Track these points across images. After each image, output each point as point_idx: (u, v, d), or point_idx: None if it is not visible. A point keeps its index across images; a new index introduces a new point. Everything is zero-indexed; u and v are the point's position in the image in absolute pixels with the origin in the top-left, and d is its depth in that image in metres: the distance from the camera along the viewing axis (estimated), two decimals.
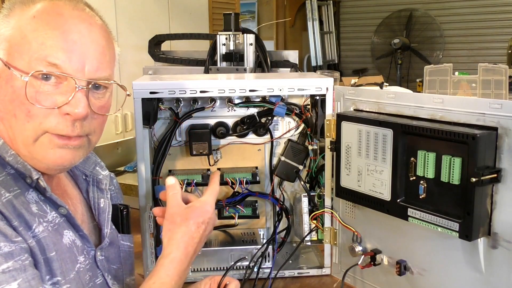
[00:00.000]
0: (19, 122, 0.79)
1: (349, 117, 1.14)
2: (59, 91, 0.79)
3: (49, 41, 0.78)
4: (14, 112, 0.79)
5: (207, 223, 0.95)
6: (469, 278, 0.97)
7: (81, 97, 0.80)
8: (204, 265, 1.32)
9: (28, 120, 0.79)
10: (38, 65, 0.77)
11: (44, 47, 0.77)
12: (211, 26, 4.03)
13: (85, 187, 0.98)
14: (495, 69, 2.51)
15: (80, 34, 0.80)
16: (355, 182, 1.14)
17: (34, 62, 0.77)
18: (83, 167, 0.99)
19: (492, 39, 5.72)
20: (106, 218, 0.96)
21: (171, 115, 1.35)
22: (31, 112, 0.78)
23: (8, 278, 0.71)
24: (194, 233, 0.93)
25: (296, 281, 1.32)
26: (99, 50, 0.83)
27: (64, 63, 0.78)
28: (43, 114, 0.79)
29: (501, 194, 0.90)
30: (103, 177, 1.00)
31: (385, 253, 1.15)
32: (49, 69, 0.78)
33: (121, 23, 3.06)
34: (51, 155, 0.81)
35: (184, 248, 0.91)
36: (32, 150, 0.80)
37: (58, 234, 0.83)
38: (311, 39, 5.80)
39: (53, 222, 0.83)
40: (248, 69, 1.95)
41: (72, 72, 0.79)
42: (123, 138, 2.34)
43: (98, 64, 0.82)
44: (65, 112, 0.80)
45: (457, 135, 0.91)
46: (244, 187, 1.37)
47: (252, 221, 1.46)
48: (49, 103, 0.79)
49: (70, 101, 0.79)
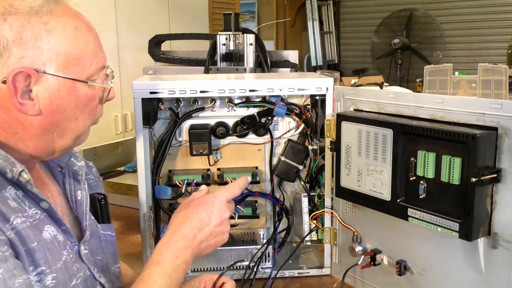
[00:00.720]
0: (80, 122, 0.86)
1: (349, 117, 1.14)
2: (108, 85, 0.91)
3: (96, 48, 0.86)
4: (76, 116, 0.85)
5: (210, 211, 0.96)
6: (469, 278, 0.97)
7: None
8: (204, 265, 1.32)
9: (89, 117, 0.88)
10: (97, 71, 0.86)
11: (96, 54, 0.86)
12: (211, 26, 4.03)
13: (61, 179, 0.97)
14: (495, 69, 2.51)
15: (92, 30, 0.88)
16: (355, 182, 1.14)
17: (95, 70, 0.86)
18: (57, 159, 0.97)
19: (492, 39, 5.72)
20: (84, 211, 0.96)
21: (171, 115, 1.35)
22: (93, 110, 0.88)
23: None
24: (191, 216, 0.95)
25: (296, 281, 1.32)
26: None
27: (105, 61, 0.89)
28: (98, 108, 0.90)
29: (501, 194, 0.90)
30: (78, 168, 0.99)
31: (385, 253, 1.15)
32: (103, 71, 0.89)
33: (121, 23, 3.06)
34: (86, 136, 0.92)
35: (176, 227, 0.93)
36: (78, 137, 0.89)
37: (37, 229, 0.81)
38: (311, 39, 5.80)
39: (33, 217, 0.81)
40: (248, 69, 1.95)
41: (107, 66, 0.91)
42: (123, 138, 2.34)
43: None
44: (108, 99, 0.93)
45: (457, 135, 0.91)
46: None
47: (252, 221, 1.45)
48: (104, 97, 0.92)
49: (111, 88, 0.91)
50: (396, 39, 5.72)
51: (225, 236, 0.98)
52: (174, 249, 0.90)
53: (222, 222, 0.97)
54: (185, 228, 0.93)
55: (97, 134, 2.67)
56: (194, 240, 0.93)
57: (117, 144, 2.15)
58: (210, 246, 0.96)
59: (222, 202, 0.98)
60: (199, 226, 0.94)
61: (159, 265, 0.88)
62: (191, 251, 0.92)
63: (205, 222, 0.95)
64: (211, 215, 0.96)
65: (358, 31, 6.57)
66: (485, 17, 5.79)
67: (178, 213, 0.97)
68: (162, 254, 0.89)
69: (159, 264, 0.88)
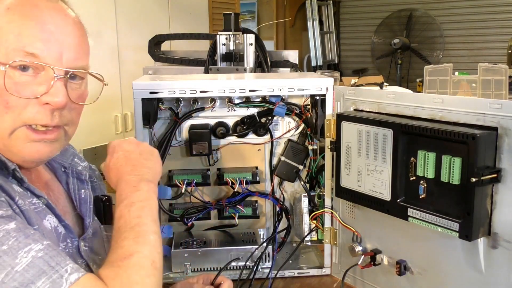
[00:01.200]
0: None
1: (349, 117, 1.14)
2: (38, 81, 0.80)
3: (26, 31, 0.78)
4: None
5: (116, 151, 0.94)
6: (469, 278, 0.97)
7: (60, 86, 0.81)
8: (204, 265, 1.32)
9: (6, 111, 0.79)
10: (16, 55, 0.78)
11: (21, 37, 0.78)
12: (211, 26, 4.03)
13: (65, 179, 0.98)
14: (495, 69, 2.51)
15: (56, 25, 0.81)
16: (355, 182, 1.14)
17: (11, 53, 0.77)
18: (61, 160, 0.98)
19: (492, 39, 5.72)
20: (88, 209, 0.96)
21: (171, 115, 1.35)
22: (10, 103, 0.78)
23: (5, 220, 0.72)
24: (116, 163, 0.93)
25: (296, 281, 1.32)
26: (75, 40, 0.84)
27: (42, 52, 0.79)
28: (22, 105, 0.79)
29: (501, 194, 0.90)
30: (82, 168, 1.00)
31: (385, 253, 1.15)
32: (27, 58, 0.78)
33: (121, 23, 3.06)
34: (27, 149, 0.82)
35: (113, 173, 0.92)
36: (8, 143, 0.81)
37: (39, 216, 0.82)
38: (311, 39, 5.80)
39: (36, 205, 0.83)
40: (248, 69, 1.95)
41: (50, 62, 0.80)
42: (123, 138, 2.34)
43: (75, 54, 0.83)
44: (44, 102, 0.80)
45: (457, 135, 0.91)
46: (244, 187, 1.37)
47: (252, 221, 1.46)
48: (28, 93, 0.79)
49: (50, 90, 0.80)
50: (396, 39, 5.72)
51: (149, 149, 0.97)
52: (126, 184, 0.88)
53: (134, 143, 0.95)
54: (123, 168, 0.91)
55: (97, 134, 2.67)
56: (135, 168, 0.91)
57: None
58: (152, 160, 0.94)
59: (116, 141, 0.96)
60: (126, 159, 0.92)
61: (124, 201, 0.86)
62: (140, 177, 0.90)
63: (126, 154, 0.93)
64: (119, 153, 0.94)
65: (358, 31, 6.56)
66: (485, 17, 5.78)
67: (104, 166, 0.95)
68: (122, 195, 0.87)
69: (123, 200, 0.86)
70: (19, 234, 0.71)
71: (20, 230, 0.71)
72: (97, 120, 2.75)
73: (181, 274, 1.30)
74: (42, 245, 0.71)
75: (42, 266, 0.69)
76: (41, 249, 0.71)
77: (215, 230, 1.44)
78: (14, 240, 0.70)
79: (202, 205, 1.39)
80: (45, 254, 0.70)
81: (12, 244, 0.69)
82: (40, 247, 0.71)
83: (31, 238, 0.71)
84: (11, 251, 0.69)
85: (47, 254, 0.70)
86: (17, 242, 0.70)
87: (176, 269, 1.31)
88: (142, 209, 0.84)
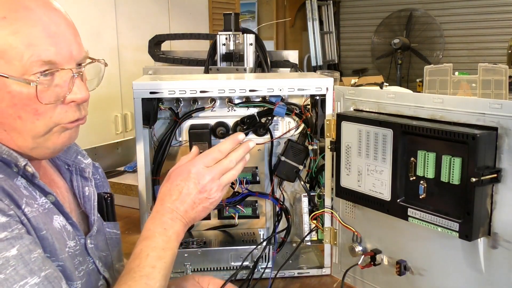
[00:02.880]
0: (26, 121, 0.80)
1: (349, 117, 1.14)
2: (58, 83, 0.81)
3: (36, 40, 0.78)
4: (18, 115, 0.79)
5: (188, 180, 0.95)
6: (469, 278, 0.97)
7: (80, 83, 0.83)
8: (204, 265, 1.32)
9: (37, 118, 0.80)
10: (34, 66, 0.77)
11: (34, 47, 0.77)
12: (211, 26, 4.03)
13: (69, 177, 0.99)
14: (495, 69, 2.51)
15: (56, 24, 0.81)
16: (355, 182, 1.14)
17: (29, 65, 0.77)
18: (64, 157, 0.99)
19: (492, 39, 5.73)
20: (92, 206, 0.97)
21: (171, 115, 1.35)
22: (39, 110, 0.80)
23: (7, 245, 0.72)
24: (171, 190, 0.95)
25: (296, 281, 1.32)
26: (73, 32, 0.84)
27: (57, 56, 0.79)
28: (51, 109, 0.81)
29: (501, 194, 0.90)
30: (85, 166, 1.00)
31: (385, 253, 1.15)
32: (45, 66, 0.79)
33: (121, 23, 3.06)
34: (61, 139, 0.85)
35: (160, 202, 0.94)
36: (43, 140, 0.83)
37: (48, 217, 0.83)
38: (311, 39, 5.80)
39: (43, 206, 0.84)
40: (248, 69, 1.95)
41: (65, 63, 0.81)
42: (123, 138, 2.34)
43: (78, 46, 0.84)
44: (70, 101, 0.82)
45: (457, 135, 0.91)
46: (244, 187, 1.37)
47: (252, 221, 1.46)
48: (53, 97, 0.81)
49: (73, 89, 0.82)
50: (396, 39, 5.72)
51: (212, 200, 0.97)
52: (161, 222, 0.91)
53: (203, 188, 0.95)
54: (167, 202, 0.94)
55: (97, 134, 2.67)
56: (178, 211, 0.93)
57: (117, 144, 2.15)
58: (199, 212, 0.96)
59: (199, 169, 0.96)
60: (180, 198, 0.94)
61: (149, 240, 0.89)
62: (179, 222, 0.93)
63: (184, 192, 0.94)
64: (189, 184, 0.95)
65: (358, 31, 6.57)
66: (485, 17, 5.79)
67: (162, 187, 0.97)
68: (150, 230, 0.90)
69: (149, 238, 0.89)
70: (19, 263, 0.72)
71: (21, 257, 0.73)
72: (97, 120, 2.76)
73: (181, 274, 1.30)
74: (39, 278, 0.73)
75: None
76: (36, 283, 0.72)
77: (215, 230, 1.44)
78: (12, 270, 0.71)
79: None
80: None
81: (9, 275, 0.71)
82: (36, 281, 0.73)
83: (29, 267, 0.73)
84: (7, 284, 0.70)
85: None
86: (15, 272, 0.71)
87: (176, 269, 1.31)
88: (159, 259, 0.86)
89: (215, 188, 0.96)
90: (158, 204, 0.94)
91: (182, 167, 0.97)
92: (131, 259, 0.86)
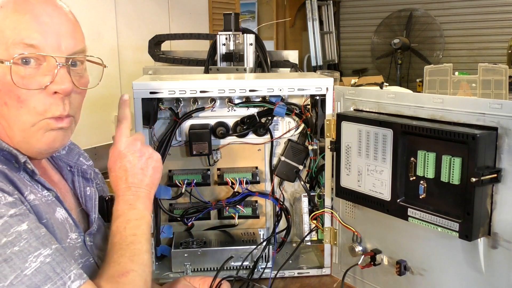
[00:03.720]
0: (11, 109, 0.82)
1: (349, 117, 1.14)
2: (41, 72, 0.82)
3: (22, 25, 0.80)
4: (4, 101, 0.81)
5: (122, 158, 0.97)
6: (469, 278, 0.97)
7: (64, 73, 0.83)
8: (204, 265, 1.32)
9: (20, 105, 0.81)
10: (16, 49, 0.80)
11: (18, 31, 0.80)
12: (211, 26, 4.03)
13: (71, 178, 1.01)
14: (495, 69, 2.51)
15: (49, 16, 0.83)
16: (355, 182, 1.14)
17: (11, 47, 0.79)
18: (67, 159, 1.01)
19: (492, 39, 5.73)
20: (93, 205, 0.99)
21: (171, 115, 1.35)
22: (21, 97, 0.81)
23: (17, 221, 0.75)
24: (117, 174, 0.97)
25: (296, 281, 1.32)
26: (70, 27, 0.86)
27: (41, 42, 0.81)
28: (33, 98, 0.82)
29: (501, 194, 0.90)
30: (87, 167, 1.03)
31: (385, 253, 1.15)
32: (27, 50, 0.80)
33: (121, 23, 3.06)
34: (45, 138, 0.85)
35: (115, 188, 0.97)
36: (27, 134, 0.84)
37: (50, 208, 0.85)
38: (311, 39, 5.79)
39: (46, 197, 0.86)
40: (248, 69, 1.95)
41: (50, 51, 0.82)
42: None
43: (72, 40, 0.85)
44: (53, 91, 0.83)
45: (457, 135, 0.91)
46: (244, 187, 1.37)
47: (252, 221, 1.45)
48: (35, 84, 0.82)
49: (55, 79, 0.82)
50: (396, 39, 5.72)
51: (156, 157, 1.00)
52: (124, 201, 0.94)
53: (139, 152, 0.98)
54: (121, 184, 0.96)
55: (97, 134, 2.67)
56: (134, 185, 0.95)
57: None
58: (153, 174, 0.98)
59: (125, 143, 0.99)
60: (129, 174, 0.96)
61: (120, 217, 0.92)
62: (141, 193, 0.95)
63: (128, 167, 0.97)
64: (128, 159, 0.97)
65: (358, 31, 6.57)
66: (485, 17, 5.79)
67: (110, 180, 0.99)
68: (118, 210, 0.93)
69: (120, 216, 0.92)
70: (30, 236, 0.74)
71: (31, 232, 0.75)
72: (97, 120, 2.75)
73: (181, 274, 1.30)
74: (51, 250, 0.75)
75: (48, 272, 0.73)
76: (49, 254, 0.75)
77: (215, 230, 1.44)
78: (25, 242, 0.73)
79: (202, 205, 1.39)
80: (52, 260, 0.74)
81: (23, 247, 0.73)
82: (49, 252, 0.75)
83: (41, 241, 0.75)
84: (22, 254, 0.73)
85: (54, 260, 0.75)
86: (28, 244, 0.74)
87: (176, 269, 1.31)
88: (137, 228, 0.91)
89: (146, 146, 1.00)
90: (115, 192, 0.97)
91: (113, 154, 0.99)
92: (111, 237, 0.90)
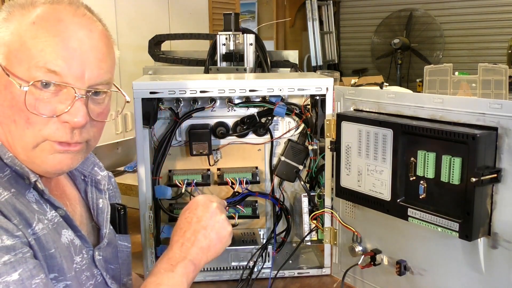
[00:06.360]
0: (18, 128, 0.79)
1: (349, 117, 1.14)
2: (58, 99, 0.79)
3: (49, 48, 0.77)
4: (14, 118, 0.79)
5: (193, 209, 0.96)
6: (469, 278, 0.97)
7: (80, 106, 0.80)
8: (204, 265, 1.31)
9: (27, 126, 0.79)
10: (38, 72, 0.77)
11: (44, 53, 0.77)
12: (211, 26, 4.03)
13: (84, 188, 0.98)
14: (495, 69, 2.51)
15: (80, 42, 0.80)
16: (355, 182, 1.14)
17: (33, 69, 0.77)
18: (81, 168, 0.99)
19: (492, 39, 5.72)
20: (105, 219, 0.97)
21: (171, 115, 1.35)
22: (30, 119, 0.78)
23: (9, 269, 0.71)
24: (180, 223, 0.95)
25: (296, 281, 1.32)
26: (99, 57, 0.82)
27: (64, 70, 0.78)
28: (42, 122, 0.79)
29: (501, 194, 0.90)
30: (101, 178, 1.00)
31: (385, 253, 1.15)
32: (48, 76, 0.77)
33: (121, 23, 3.06)
34: (50, 160, 0.82)
35: (174, 239, 0.93)
36: (31, 155, 0.81)
37: (57, 233, 0.83)
38: (311, 39, 5.79)
39: (53, 221, 0.83)
40: (248, 69, 1.95)
41: (71, 80, 0.79)
42: (123, 138, 2.33)
43: (98, 70, 0.82)
44: (64, 120, 0.79)
45: (457, 135, 0.91)
46: (244, 187, 1.37)
47: (252, 221, 1.45)
48: (48, 111, 0.79)
49: (70, 110, 0.79)
50: (396, 39, 5.72)
51: (224, 224, 0.96)
52: (168, 257, 0.90)
53: (212, 214, 0.95)
54: (176, 236, 0.93)
55: None
56: (187, 242, 0.92)
57: (117, 144, 2.15)
58: (212, 240, 0.94)
59: (202, 199, 0.97)
60: (188, 227, 0.94)
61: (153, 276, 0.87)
62: (191, 253, 0.91)
63: (193, 221, 0.94)
64: (195, 212, 0.95)
65: (358, 31, 6.56)
66: (485, 17, 5.78)
67: None
68: (158, 265, 0.89)
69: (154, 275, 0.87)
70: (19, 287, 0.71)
71: (21, 283, 0.71)
72: None
73: None
74: None
75: None
76: None
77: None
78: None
79: None
80: None
81: None
82: None
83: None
84: None
85: None
86: None
87: None
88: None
89: (219, 214, 0.96)
90: (170, 239, 0.94)
91: (190, 203, 0.98)
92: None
